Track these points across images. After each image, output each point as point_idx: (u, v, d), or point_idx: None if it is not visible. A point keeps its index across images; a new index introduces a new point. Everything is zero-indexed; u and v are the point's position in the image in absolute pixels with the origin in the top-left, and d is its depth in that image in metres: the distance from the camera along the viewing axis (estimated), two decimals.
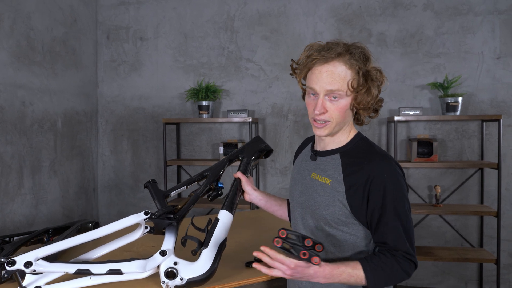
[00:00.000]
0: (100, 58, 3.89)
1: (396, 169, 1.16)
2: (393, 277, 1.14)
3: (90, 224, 2.02)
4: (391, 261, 1.13)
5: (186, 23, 3.73)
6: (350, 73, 1.15)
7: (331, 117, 1.18)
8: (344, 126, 1.23)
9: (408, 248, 1.14)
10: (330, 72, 1.15)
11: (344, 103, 1.17)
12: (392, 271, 1.13)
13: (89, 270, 1.25)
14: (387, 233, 1.14)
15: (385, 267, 1.13)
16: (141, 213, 1.43)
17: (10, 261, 1.22)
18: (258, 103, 3.65)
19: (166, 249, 1.32)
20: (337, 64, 1.15)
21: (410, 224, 1.16)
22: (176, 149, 3.76)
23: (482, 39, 3.27)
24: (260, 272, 1.55)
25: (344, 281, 1.13)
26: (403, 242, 1.14)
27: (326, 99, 1.17)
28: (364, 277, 1.12)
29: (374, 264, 1.13)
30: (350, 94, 1.16)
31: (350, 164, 1.19)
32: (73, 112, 3.50)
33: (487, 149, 3.29)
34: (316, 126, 1.21)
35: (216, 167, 1.65)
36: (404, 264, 1.14)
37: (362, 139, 1.25)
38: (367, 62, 1.17)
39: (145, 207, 3.82)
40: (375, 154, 1.18)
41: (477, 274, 3.35)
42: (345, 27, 3.48)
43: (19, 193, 2.88)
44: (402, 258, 1.14)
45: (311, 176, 1.27)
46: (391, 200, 1.13)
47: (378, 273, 1.13)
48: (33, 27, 3.02)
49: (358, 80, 1.15)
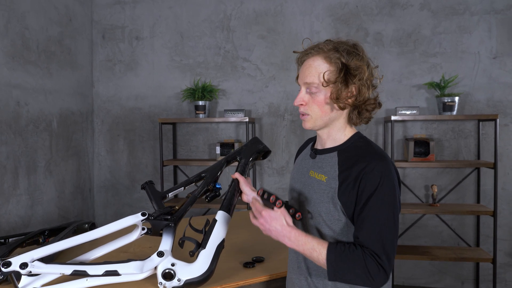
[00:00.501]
0: (96, 58, 3.86)
1: (389, 168, 1.14)
2: (354, 269, 1.08)
3: (87, 225, 2.01)
4: (357, 253, 1.09)
5: (182, 23, 3.72)
6: (327, 66, 1.17)
7: (310, 110, 1.21)
8: (332, 122, 1.23)
9: (378, 249, 1.08)
10: (308, 65, 1.20)
11: (321, 96, 1.19)
12: (355, 263, 1.08)
13: (86, 271, 1.24)
14: (361, 226, 1.11)
15: (349, 255, 1.08)
16: (138, 214, 1.42)
17: (5, 263, 1.21)
18: (255, 103, 3.64)
19: (164, 250, 1.31)
20: (316, 59, 1.19)
21: (391, 227, 1.11)
22: (172, 149, 3.75)
23: (479, 38, 3.28)
24: (258, 272, 1.56)
25: (306, 253, 1.13)
26: (374, 241, 1.09)
27: (306, 92, 1.22)
28: (325, 257, 1.10)
29: (340, 249, 1.10)
30: (325, 86, 1.17)
31: (345, 161, 1.18)
32: (69, 112, 3.48)
33: (484, 148, 3.30)
34: (301, 118, 1.26)
35: (213, 168, 1.64)
36: (369, 262, 1.07)
37: (360, 138, 1.24)
38: (350, 57, 1.17)
39: (142, 207, 3.80)
40: (371, 152, 1.17)
41: (474, 273, 3.36)
42: (341, 26, 3.48)
43: (15, 193, 2.85)
44: (369, 256, 1.08)
45: (309, 174, 1.28)
46: (376, 198, 1.10)
47: (340, 257, 1.09)
48: (28, 26, 2.99)
49: (335, 73, 1.16)
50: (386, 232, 1.10)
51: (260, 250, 1.81)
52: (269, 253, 1.76)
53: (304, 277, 1.27)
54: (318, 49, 1.19)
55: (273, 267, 1.60)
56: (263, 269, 1.58)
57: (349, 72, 1.16)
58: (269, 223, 1.16)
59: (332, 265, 1.10)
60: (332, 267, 1.10)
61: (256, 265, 1.63)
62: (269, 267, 1.60)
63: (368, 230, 1.10)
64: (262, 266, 1.62)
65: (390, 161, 1.17)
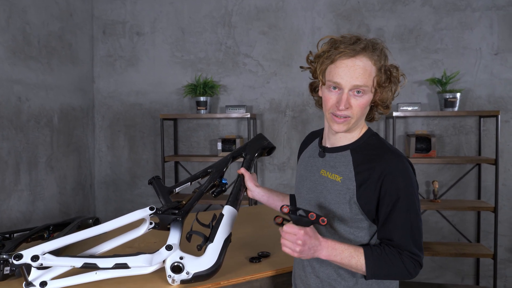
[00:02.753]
0: (97, 53, 3.85)
1: (408, 166, 1.15)
2: (393, 271, 1.13)
3: (91, 221, 2.00)
4: (394, 255, 1.13)
5: (184, 18, 3.71)
6: (375, 69, 1.14)
7: (353, 113, 1.15)
8: (360, 122, 1.21)
9: (413, 248, 1.13)
10: (358, 66, 1.12)
11: (367, 99, 1.15)
12: (393, 265, 1.12)
13: (96, 264, 1.24)
14: (394, 230, 1.13)
15: (386, 259, 1.12)
16: (146, 208, 1.43)
17: (17, 255, 1.21)
18: (256, 99, 3.63)
19: (172, 244, 1.31)
20: (364, 59, 1.13)
21: (419, 223, 1.15)
22: (173, 145, 3.74)
23: (480, 34, 3.29)
24: (264, 267, 1.56)
25: (345, 261, 1.12)
26: (408, 240, 1.13)
27: (350, 94, 1.14)
28: (364, 263, 1.12)
29: (377, 253, 1.13)
30: (373, 90, 1.15)
31: (361, 161, 1.17)
32: (70, 107, 3.47)
33: (485, 144, 3.31)
34: (336, 121, 1.16)
35: (219, 164, 1.66)
36: (407, 262, 1.12)
37: (372, 135, 1.23)
38: (387, 59, 1.17)
39: (143, 203, 3.79)
40: (387, 151, 1.17)
41: (474, 269, 3.38)
42: (343, 22, 3.48)
43: (16, 189, 2.84)
44: (406, 256, 1.13)
45: (320, 173, 1.25)
46: (403, 197, 1.12)
47: (379, 262, 1.12)
48: (29, 21, 2.97)
49: (381, 76, 1.15)
50: (417, 231, 1.14)
51: (266, 245, 1.81)
52: (275, 248, 1.76)
53: (308, 272, 1.27)
54: (363, 49, 1.13)
55: (279, 262, 1.61)
56: (269, 264, 1.59)
57: (392, 75, 1.16)
58: (309, 243, 1.08)
59: (371, 270, 1.12)
60: (371, 271, 1.12)
61: (262, 260, 1.63)
62: (275, 262, 1.61)
63: (401, 232, 1.13)
64: (268, 261, 1.62)
65: (406, 158, 1.16)
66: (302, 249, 1.07)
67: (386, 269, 1.12)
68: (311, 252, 1.10)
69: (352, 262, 1.12)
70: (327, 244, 1.11)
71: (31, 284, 1.27)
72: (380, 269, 1.12)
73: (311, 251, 1.10)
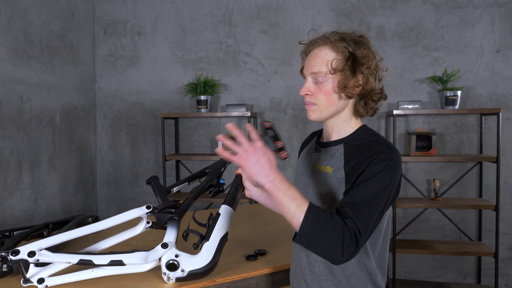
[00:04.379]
0: (98, 53, 3.87)
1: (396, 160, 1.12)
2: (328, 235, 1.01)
3: (90, 219, 2.02)
4: (339, 220, 1.02)
5: (184, 17, 3.72)
6: (334, 55, 1.17)
7: (317, 99, 1.20)
8: (338, 113, 1.22)
9: (360, 224, 1.03)
10: (315, 55, 1.20)
11: (328, 85, 1.18)
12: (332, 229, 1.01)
13: (91, 260, 1.25)
14: (351, 199, 1.07)
15: (329, 219, 1.02)
16: (143, 207, 1.44)
17: (14, 251, 1.23)
18: (257, 97, 3.64)
19: (168, 242, 1.32)
20: (322, 48, 1.19)
21: (377, 211, 1.07)
22: (174, 143, 3.76)
23: (482, 32, 3.27)
24: (261, 265, 1.57)
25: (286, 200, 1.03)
26: (359, 214, 1.04)
27: (312, 82, 1.21)
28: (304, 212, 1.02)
29: (321, 210, 1.04)
30: (333, 74, 1.16)
31: (351, 152, 1.17)
32: (71, 107, 3.49)
33: (486, 142, 3.29)
34: (306, 108, 1.24)
35: (217, 165, 1.68)
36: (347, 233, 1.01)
37: (367, 130, 1.23)
38: (357, 46, 1.17)
39: (144, 202, 3.81)
40: (379, 143, 1.15)
41: (476, 268, 3.37)
42: (344, 20, 3.47)
43: (18, 188, 2.87)
44: (349, 228, 1.02)
45: (315, 167, 1.27)
46: (375, 178, 1.08)
47: (319, 218, 1.02)
48: (31, 21, 2.99)
49: (342, 61, 1.16)
50: (373, 211, 1.07)
51: (263, 243, 1.82)
52: (272, 246, 1.77)
53: (304, 268, 1.28)
54: (325, 39, 1.19)
55: (275, 260, 1.61)
56: (266, 262, 1.59)
57: (357, 61, 1.16)
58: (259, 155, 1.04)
59: (308, 223, 1.02)
60: (307, 225, 1.02)
61: (259, 258, 1.64)
62: (272, 260, 1.61)
63: (357, 202, 1.06)
64: (265, 259, 1.63)
65: (398, 154, 1.14)
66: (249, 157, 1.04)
67: (323, 228, 1.00)
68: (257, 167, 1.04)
69: (292, 206, 1.03)
70: (278, 175, 1.05)
71: (29, 281, 1.29)
72: (318, 224, 1.01)
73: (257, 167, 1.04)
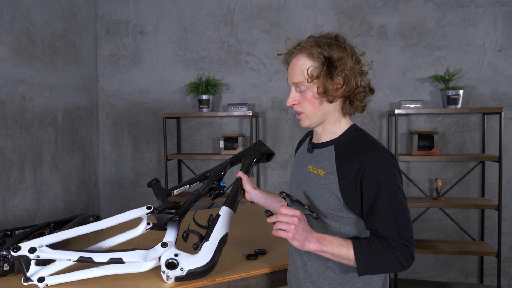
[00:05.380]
0: (100, 53, 3.88)
1: (388, 160, 1.14)
2: (384, 262, 1.12)
3: (91, 218, 2.03)
4: (383, 246, 1.12)
5: (186, 17, 3.72)
6: (310, 63, 1.17)
7: (303, 107, 1.22)
8: (327, 117, 1.23)
9: (400, 238, 1.12)
10: (293, 65, 1.21)
11: (309, 93, 1.19)
12: (383, 255, 1.11)
13: (91, 258, 1.26)
14: (378, 222, 1.13)
15: (375, 249, 1.11)
16: (143, 207, 1.45)
17: (15, 247, 1.24)
18: (258, 97, 3.64)
19: (168, 241, 1.33)
20: (299, 57, 1.20)
21: (405, 214, 1.14)
22: (176, 143, 3.77)
23: (484, 31, 3.26)
24: (260, 264, 1.57)
25: (336, 250, 1.11)
26: (394, 232, 1.12)
27: (296, 91, 1.22)
28: (353, 253, 1.11)
29: (365, 244, 1.12)
30: (310, 82, 1.17)
31: (342, 155, 1.18)
32: (74, 107, 3.50)
33: (488, 142, 3.28)
34: (297, 118, 1.26)
35: (218, 168, 1.70)
36: (397, 253, 1.11)
37: (356, 131, 1.24)
38: (332, 49, 1.16)
39: (146, 201, 3.82)
40: (367, 144, 1.17)
41: (478, 267, 3.36)
42: (345, 20, 3.47)
43: (21, 187, 2.89)
44: (395, 247, 1.11)
45: (307, 168, 1.28)
46: (384, 190, 1.11)
47: (368, 253, 1.11)
48: (33, 21, 3.01)
49: (318, 68, 1.16)
50: (403, 222, 1.13)
51: (263, 242, 1.82)
52: (272, 246, 1.77)
53: (298, 266, 1.29)
54: (300, 47, 1.20)
55: (275, 259, 1.62)
56: (266, 261, 1.60)
57: (332, 64, 1.16)
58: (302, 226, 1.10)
59: (361, 261, 1.11)
60: (362, 262, 1.11)
61: (259, 257, 1.64)
62: (272, 259, 1.62)
63: (385, 225, 1.12)
64: (265, 258, 1.63)
65: (387, 151, 1.17)
66: (297, 229, 1.08)
67: (376, 259, 1.11)
68: (303, 236, 1.09)
69: (343, 251, 1.12)
70: (317, 234, 1.12)
71: (29, 280, 1.30)
72: (370, 259, 1.11)
73: (303, 236, 1.09)
